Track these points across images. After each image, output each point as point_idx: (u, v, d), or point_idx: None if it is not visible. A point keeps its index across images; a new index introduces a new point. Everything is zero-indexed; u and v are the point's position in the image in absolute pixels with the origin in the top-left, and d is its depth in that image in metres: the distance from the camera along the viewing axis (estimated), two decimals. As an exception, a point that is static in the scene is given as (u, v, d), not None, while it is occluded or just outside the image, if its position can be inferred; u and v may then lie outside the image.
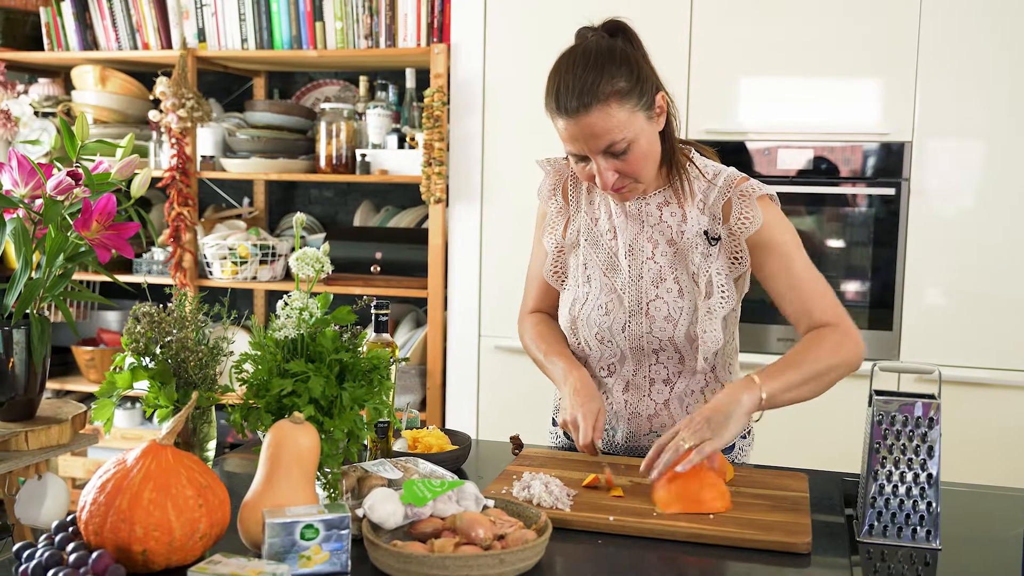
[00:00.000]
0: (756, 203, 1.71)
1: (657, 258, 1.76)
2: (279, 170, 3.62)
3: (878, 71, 2.95)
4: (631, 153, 1.62)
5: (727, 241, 1.73)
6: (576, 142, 1.62)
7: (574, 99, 1.59)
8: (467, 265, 3.33)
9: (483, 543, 1.27)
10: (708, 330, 1.73)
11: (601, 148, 1.61)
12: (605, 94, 1.58)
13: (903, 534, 1.45)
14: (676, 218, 1.75)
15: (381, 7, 3.47)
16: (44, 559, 1.21)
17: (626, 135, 1.60)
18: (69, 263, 1.90)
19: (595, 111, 1.58)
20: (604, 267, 1.80)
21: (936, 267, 2.94)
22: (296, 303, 1.45)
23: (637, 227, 1.77)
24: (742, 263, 1.73)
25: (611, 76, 1.59)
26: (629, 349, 1.79)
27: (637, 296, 1.76)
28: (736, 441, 1.89)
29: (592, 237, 1.81)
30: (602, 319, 1.78)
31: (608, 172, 1.63)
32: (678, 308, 1.74)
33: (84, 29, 3.79)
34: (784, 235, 1.74)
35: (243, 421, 1.43)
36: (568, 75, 1.62)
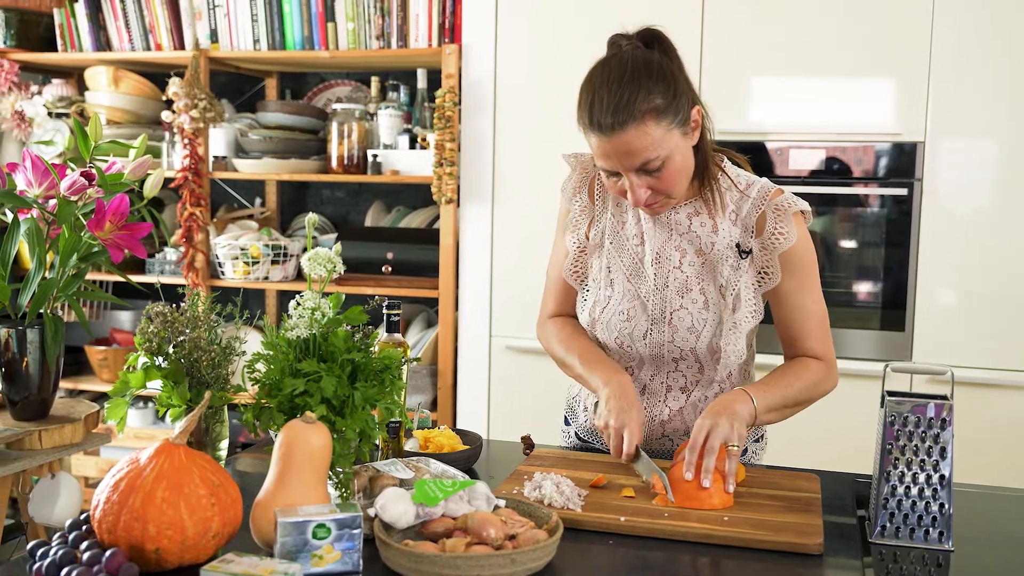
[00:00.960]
0: (791, 219, 1.69)
1: (684, 268, 1.72)
2: (291, 170, 3.63)
3: (890, 71, 2.94)
4: (665, 170, 1.59)
5: (758, 255, 1.71)
6: (609, 159, 1.59)
7: (609, 116, 1.54)
8: (478, 265, 3.33)
9: (494, 543, 1.27)
10: (731, 343, 1.71)
11: (635, 166, 1.58)
12: (641, 112, 1.54)
13: (915, 535, 1.45)
14: (706, 228, 1.72)
15: (393, 8, 3.47)
16: (58, 557, 1.22)
17: (661, 153, 1.57)
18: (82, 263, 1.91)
19: (631, 129, 1.54)
20: (628, 272, 1.76)
21: (949, 267, 2.93)
22: (308, 303, 1.45)
23: (665, 235, 1.74)
24: (772, 278, 1.71)
25: (648, 92, 1.55)
26: (649, 356, 1.77)
27: (661, 305, 1.73)
28: (748, 444, 1.89)
29: (618, 240, 1.78)
30: (623, 325, 1.75)
31: (641, 189, 1.60)
32: (702, 320, 1.71)
33: (97, 30, 3.81)
34: (808, 258, 1.73)
35: (255, 420, 1.44)
36: (603, 90, 1.56)
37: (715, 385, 1.80)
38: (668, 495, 1.52)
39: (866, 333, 3.02)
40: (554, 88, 3.20)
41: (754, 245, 1.71)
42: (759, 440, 1.92)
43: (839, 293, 3.06)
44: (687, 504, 1.51)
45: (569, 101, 3.29)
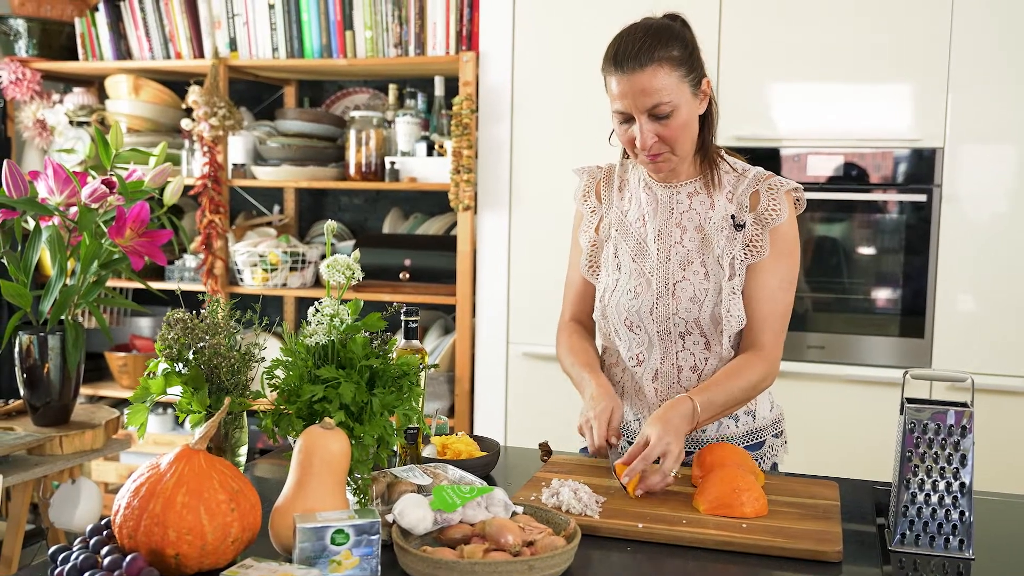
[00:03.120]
0: (784, 196, 1.80)
1: (685, 243, 1.83)
2: (309, 178, 3.64)
3: (909, 76, 2.93)
4: (673, 119, 1.72)
5: (751, 228, 1.80)
6: (625, 99, 1.72)
7: (631, 57, 1.70)
8: (495, 272, 3.33)
9: (512, 549, 1.27)
10: (732, 310, 1.79)
11: (648, 106, 1.71)
12: (660, 57, 1.70)
13: (935, 543, 1.44)
14: (704, 206, 1.83)
15: (410, 16, 3.49)
16: (79, 562, 1.23)
17: (672, 100, 1.71)
18: (103, 270, 1.93)
19: (648, 70, 1.69)
20: (633, 253, 1.87)
21: (968, 274, 2.91)
22: (327, 309, 1.46)
23: (666, 214, 1.85)
24: (760, 251, 1.79)
25: (667, 43, 1.71)
26: (656, 333, 1.83)
27: (665, 277, 1.83)
28: (767, 439, 1.90)
29: (622, 227, 1.89)
30: (631, 303, 1.84)
31: (649, 134, 1.73)
32: (704, 289, 1.80)
33: (118, 39, 3.84)
34: (793, 241, 1.82)
35: (274, 426, 1.44)
36: (628, 38, 1.73)
37: (723, 363, 1.83)
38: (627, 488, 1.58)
39: (885, 340, 3.00)
40: (571, 95, 3.20)
41: (748, 219, 1.81)
42: (778, 436, 1.93)
43: (858, 300, 3.05)
44: (719, 512, 1.50)
45: (586, 108, 3.31)
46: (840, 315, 3.05)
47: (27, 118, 3.88)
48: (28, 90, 3.84)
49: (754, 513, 1.50)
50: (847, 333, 3.03)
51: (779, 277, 1.80)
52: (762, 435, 1.89)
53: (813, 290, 3.09)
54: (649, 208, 1.86)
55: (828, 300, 3.07)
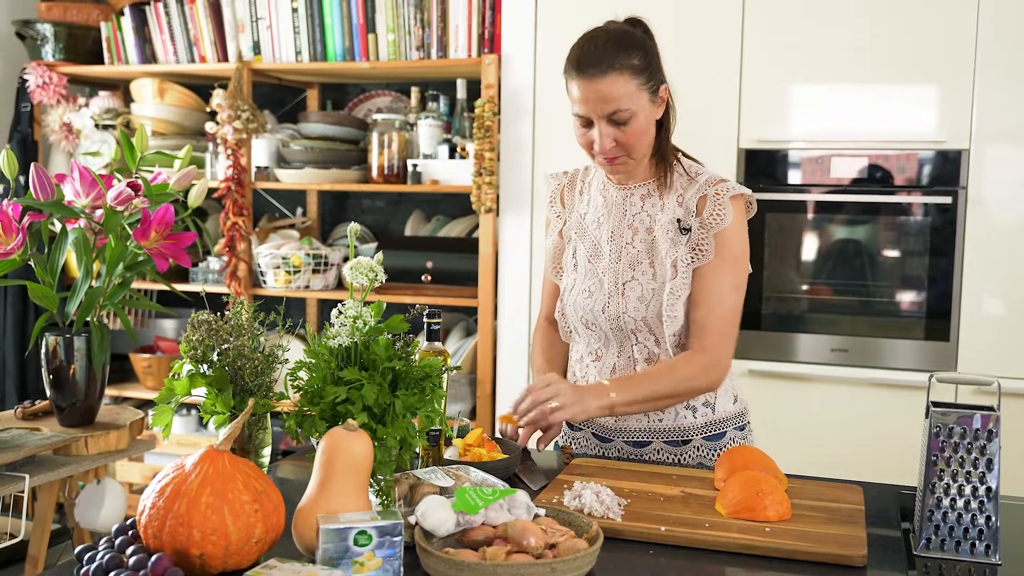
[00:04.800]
0: (728, 202, 1.84)
1: (635, 244, 1.90)
2: (332, 180, 3.66)
3: (934, 77, 2.90)
4: (630, 126, 1.79)
5: (696, 233, 1.85)
6: (586, 104, 1.79)
7: (592, 64, 1.77)
8: (517, 274, 3.33)
9: (535, 551, 1.27)
10: (671, 311, 1.84)
11: (607, 112, 1.77)
12: (620, 65, 1.76)
13: (961, 548, 1.43)
14: (655, 209, 1.90)
15: (432, 19, 3.49)
16: (105, 562, 1.24)
17: (630, 107, 1.77)
18: (128, 272, 1.94)
19: (609, 77, 1.76)
20: (589, 254, 1.95)
21: (994, 276, 2.88)
22: (350, 311, 1.46)
23: (619, 215, 1.92)
24: (705, 255, 1.84)
25: (627, 52, 1.78)
26: (611, 330, 1.90)
27: (615, 277, 1.90)
28: (728, 431, 1.94)
29: (580, 229, 1.97)
30: (586, 302, 1.91)
31: (607, 138, 1.80)
32: (650, 289, 1.86)
33: (143, 43, 3.87)
34: (738, 245, 1.86)
35: (298, 428, 1.45)
36: (590, 45, 1.80)
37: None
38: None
39: (910, 343, 2.98)
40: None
41: (694, 223, 1.85)
42: (742, 428, 1.97)
43: (883, 303, 3.03)
44: (742, 515, 1.50)
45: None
46: (864, 318, 3.03)
47: (54, 121, 3.92)
48: (55, 94, 3.88)
49: (777, 517, 1.49)
50: (871, 336, 3.01)
51: (725, 280, 1.85)
52: (722, 427, 1.94)
53: (836, 293, 3.08)
54: (604, 210, 1.94)
55: (852, 303, 3.05)
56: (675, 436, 1.92)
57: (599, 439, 1.97)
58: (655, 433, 1.92)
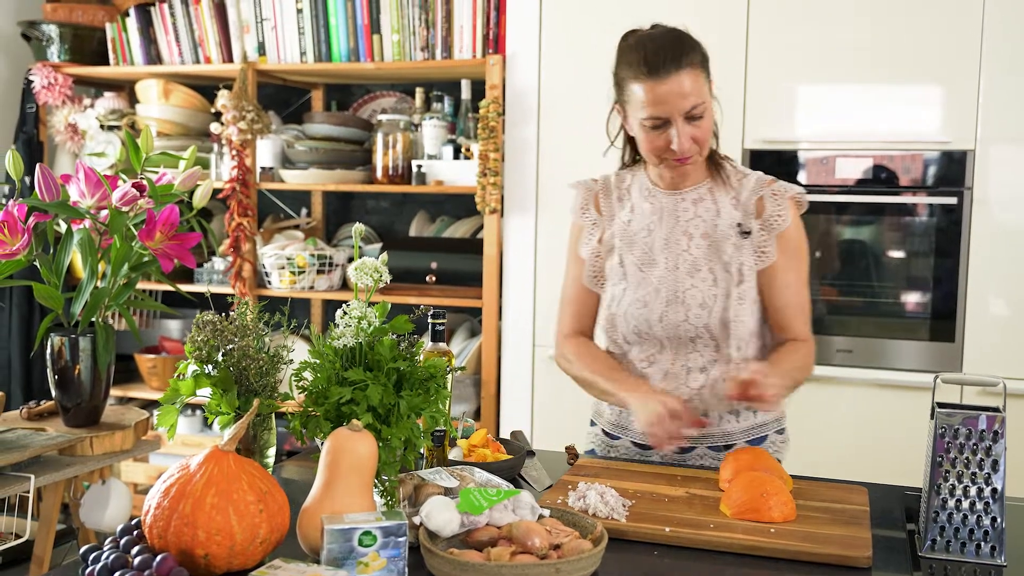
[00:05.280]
0: (788, 202, 1.84)
1: (692, 250, 1.85)
2: (336, 181, 3.66)
3: (939, 78, 2.90)
4: (705, 120, 1.77)
5: (757, 235, 1.84)
6: (661, 104, 1.74)
7: (666, 60, 1.72)
8: (522, 275, 3.33)
9: (539, 552, 1.27)
10: (740, 316, 1.82)
11: (686, 108, 1.74)
12: (691, 60, 1.74)
13: (967, 550, 1.43)
14: (710, 212, 1.86)
15: (437, 20, 3.50)
16: (110, 561, 1.24)
17: (705, 100, 1.76)
18: (133, 272, 1.94)
19: (684, 73, 1.73)
20: (640, 263, 1.89)
21: (1000, 277, 2.88)
22: (355, 312, 1.46)
23: (672, 222, 1.88)
24: (768, 256, 1.83)
25: (692, 48, 1.76)
26: (667, 339, 1.86)
27: (673, 286, 1.85)
28: (769, 435, 1.92)
29: (626, 237, 1.91)
30: (639, 312, 1.86)
31: (686, 137, 1.76)
32: (712, 295, 1.82)
33: (148, 44, 3.87)
34: (800, 242, 1.87)
35: (303, 428, 1.45)
36: (653, 44, 1.76)
37: (732, 365, 1.85)
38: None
39: (915, 344, 2.97)
40: (598, 98, 3.19)
41: (754, 226, 1.84)
42: (781, 432, 1.95)
43: (888, 304, 3.02)
44: (747, 516, 1.49)
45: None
46: (869, 319, 3.03)
47: (59, 122, 3.93)
48: (60, 95, 3.89)
49: (782, 518, 1.49)
50: (876, 337, 3.01)
51: (795, 275, 1.85)
52: (763, 430, 1.92)
53: (842, 293, 3.07)
54: (654, 217, 1.89)
55: (857, 304, 3.05)
56: (719, 441, 1.89)
57: (639, 447, 1.94)
58: (699, 438, 1.89)
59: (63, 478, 1.89)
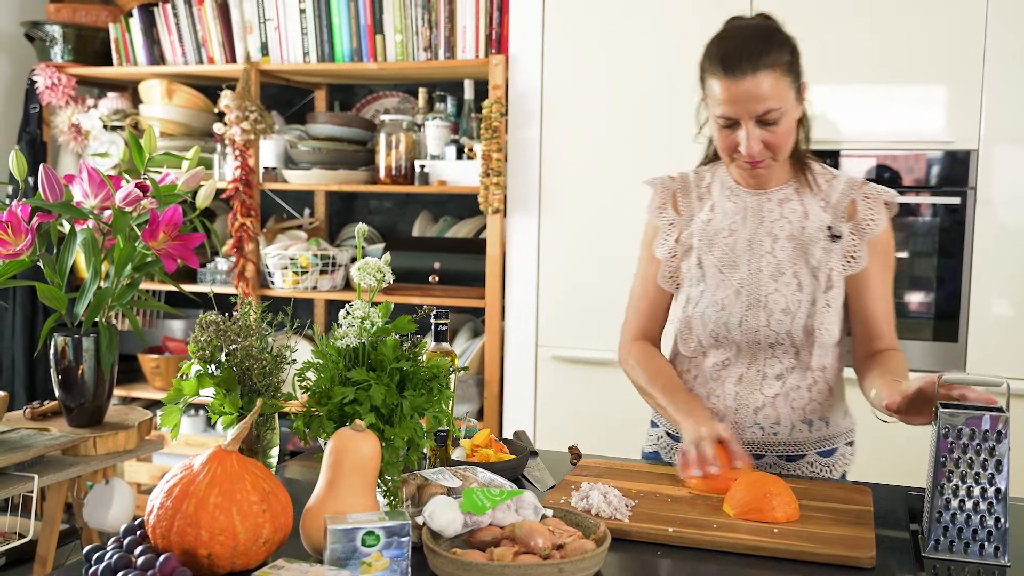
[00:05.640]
0: (881, 206, 1.79)
1: (776, 252, 1.79)
2: (339, 181, 3.66)
3: (943, 77, 2.90)
4: (780, 126, 1.70)
5: (848, 239, 1.78)
6: (735, 104, 1.68)
7: (745, 61, 1.66)
8: (525, 275, 3.33)
9: (542, 552, 1.27)
10: (825, 322, 1.76)
11: (758, 112, 1.67)
12: (773, 61, 1.67)
13: (970, 550, 1.42)
14: (797, 214, 1.80)
15: (440, 20, 3.50)
16: (113, 561, 1.24)
17: (782, 106, 1.68)
18: (136, 273, 1.94)
19: (762, 75, 1.66)
20: (720, 264, 1.82)
21: (1003, 277, 2.88)
22: (358, 312, 1.46)
23: (756, 222, 1.82)
24: (858, 262, 1.78)
25: (779, 47, 1.69)
26: (745, 344, 1.80)
27: (755, 290, 1.79)
28: (840, 447, 1.89)
29: (706, 237, 1.84)
30: (718, 315, 1.80)
31: (756, 141, 1.70)
32: (796, 301, 1.77)
33: (151, 44, 3.88)
34: (891, 247, 1.82)
35: (306, 428, 1.45)
36: (737, 40, 1.70)
37: (810, 374, 1.81)
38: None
39: (919, 344, 2.97)
40: (601, 98, 3.20)
41: (845, 229, 1.78)
42: (850, 444, 1.92)
43: (890, 303, 3.02)
44: (750, 516, 1.49)
45: (616, 111, 3.29)
46: (872, 319, 3.02)
47: (62, 122, 3.93)
48: (63, 95, 3.89)
49: (785, 518, 1.49)
50: (879, 337, 3.00)
51: (885, 282, 1.80)
52: (834, 442, 1.88)
53: (845, 293, 3.06)
54: (737, 217, 1.83)
55: (860, 304, 3.04)
56: (789, 450, 1.85)
57: None
58: (769, 447, 1.84)
59: (66, 478, 1.89)
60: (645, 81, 3.12)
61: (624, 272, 3.17)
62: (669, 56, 3.06)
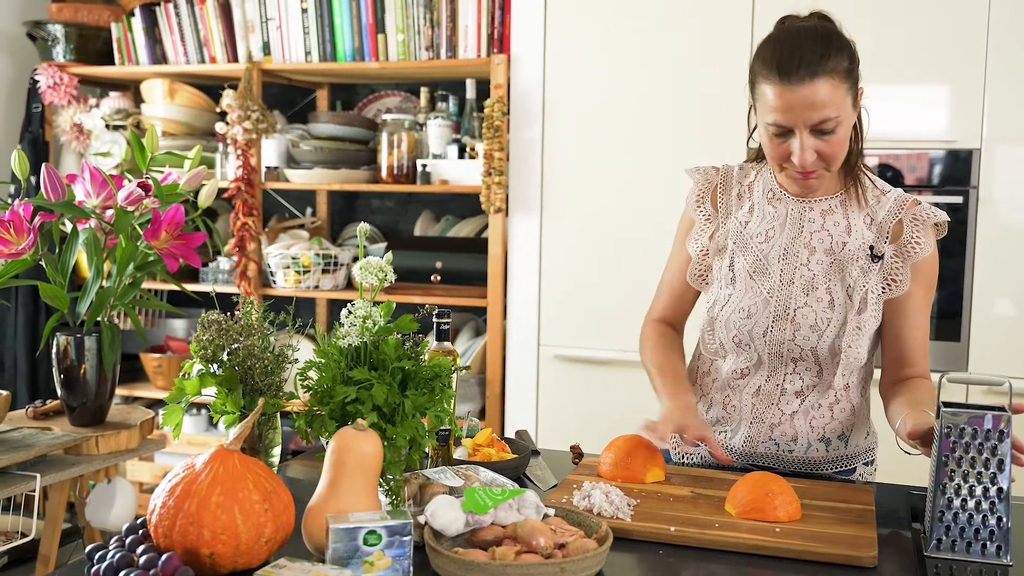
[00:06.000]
0: (929, 230, 1.70)
1: (812, 265, 1.72)
2: (341, 180, 3.66)
3: (945, 77, 2.89)
4: (836, 135, 1.61)
5: (890, 261, 1.70)
6: (789, 112, 1.59)
7: (802, 67, 1.56)
8: (526, 274, 3.33)
9: (544, 551, 1.27)
10: (853, 345, 1.69)
11: (814, 120, 1.59)
12: (831, 68, 1.58)
13: (972, 549, 1.42)
14: (839, 228, 1.72)
15: (442, 19, 3.50)
16: (115, 561, 1.24)
17: (840, 114, 1.59)
18: (139, 272, 1.95)
19: (819, 82, 1.57)
20: (752, 270, 1.75)
21: (1005, 276, 2.87)
22: (360, 311, 1.46)
23: (795, 231, 1.74)
24: (899, 286, 1.71)
25: (837, 52, 1.59)
26: (768, 355, 1.74)
27: (785, 301, 1.72)
28: (858, 467, 1.84)
29: (741, 240, 1.77)
30: (743, 322, 1.74)
31: (810, 151, 1.61)
32: (826, 319, 1.70)
33: (153, 44, 3.88)
34: (935, 273, 1.74)
35: (307, 427, 1.45)
36: (793, 44, 1.59)
37: (831, 393, 1.75)
38: None
39: (920, 343, 2.97)
40: (603, 97, 3.20)
41: (887, 251, 1.70)
42: (869, 464, 1.87)
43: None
44: (752, 515, 1.49)
45: (618, 110, 3.29)
46: (874, 318, 3.02)
47: (64, 122, 3.93)
48: (65, 94, 3.89)
49: (787, 517, 1.49)
50: (881, 336, 3.00)
51: (924, 307, 1.73)
52: (853, 462, 1.83)
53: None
54: (776, 223, 1.75)
55: (862, 303, 3.04)
56: (803, 467, 1.79)
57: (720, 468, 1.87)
58: (782, 463, 1.79)
59: (69, 477, 1.89)
60: (647, 80, 3.12)
61: (626, 271, 3.18)
62: (671, 55, 3.06)
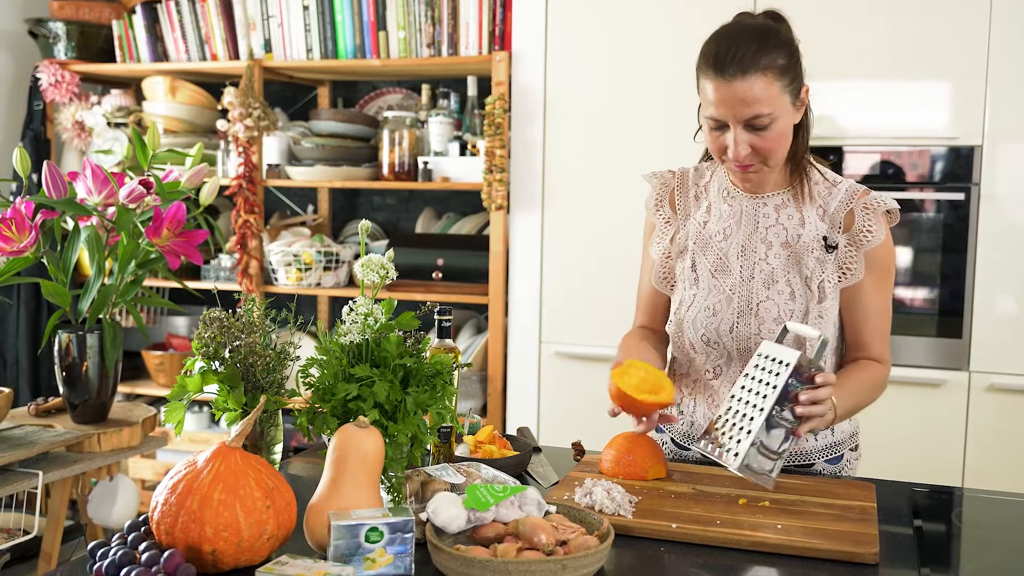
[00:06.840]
0: (880, 218, 1.73)
1: (770, 260, 1.75)
2: (343, 178, 3.66)
3: (947, 74, 2.89)
4: (770, 131, 1.64)
5: (844, 251, 1.73)
6: (723, 106, 1.63)
7: (735, 62, 1.60)
8: (528, 271, 3.34)
9: (545, 548, 1.27)
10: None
11: (746, 116, 1.62)
12: (765, 65, 1.61)
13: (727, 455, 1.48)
14: (793, 221, 1.75)
15: (443, 16, 3.50)
16: (117, 558, 1.24)
17: (773, 111, 1.63)
18: (140, 269, 1.95)
19: (751, 78, 1.60)
20: (713, 269, 1.79)
21: (1007, 273, 2.87)
22: (361, 309, 1.46)
23: (751, 228, 1.77)
24: (854, 275, 1.74)
25: (774, 50, 1.62)
26: (736, 351, 1.77)
27: (747, 297, 1.75)
28: (845, 453, 1.86)
29: (701, 240, 1.81)
30: (709, 320, 1.77)
31: (743, 145, 1.65)
32: (788, 310, 1.73)
33: (155, 41, 3.88)
34: (890, 259, 1.76)
35: (309, 425, 1.45)
36: (731, 40, 1.63)
37: None
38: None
39: (922, 340, 2.97)
40: (604, 95, 3.20)
41: (841, 240, 1.73)
42: (855, 450, 1.89)
43: (894, 300, 3.01)
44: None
45: (619, 107, 3.29)
46: (876, 315, 3.02)
47: (66, 119, 3.94)
48: (67, 92, 3.89)
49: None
50: (883, 333, 3.00)
51: (881, 294, 1.75)
52: (840, 449, 1.85)
53: (848, 290, 3.06)
54: (732, 221, 1.78)
55: (864, 300, 3.04)
56: (797, 459, 1.82)
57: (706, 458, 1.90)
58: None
59: (71, 474, 1.90)
60: (648, 78, 3.12)
61: (627, 268, 3.17)
62: (672, 53, 3.05)
